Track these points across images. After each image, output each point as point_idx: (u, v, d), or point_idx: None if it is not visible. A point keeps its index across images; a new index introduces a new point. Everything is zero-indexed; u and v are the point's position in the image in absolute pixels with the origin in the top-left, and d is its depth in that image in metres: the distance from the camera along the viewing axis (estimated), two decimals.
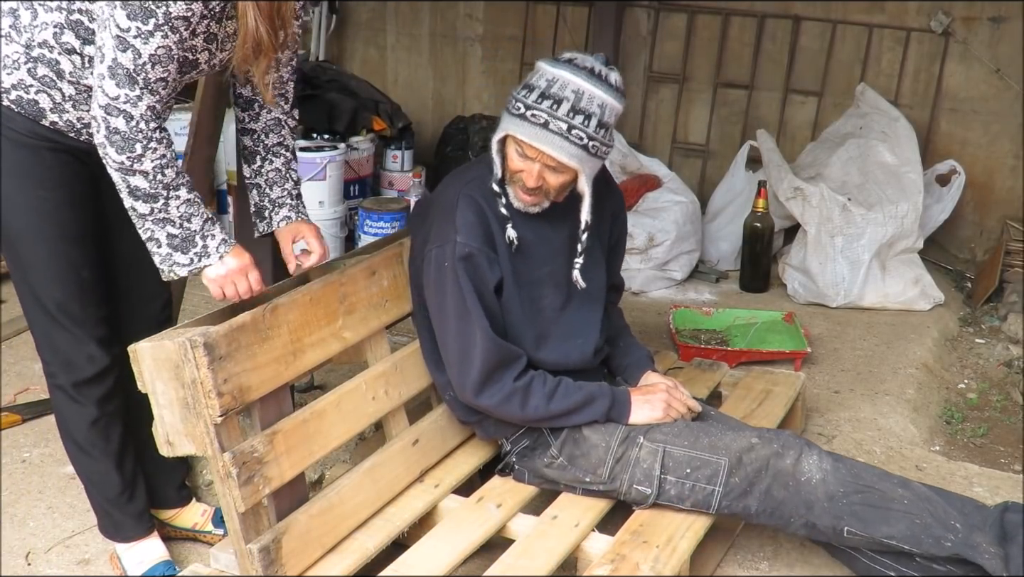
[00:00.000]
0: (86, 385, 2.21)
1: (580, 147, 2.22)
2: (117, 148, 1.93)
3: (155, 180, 1.96)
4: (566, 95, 2.20)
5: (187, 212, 2.02)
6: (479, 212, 2.32)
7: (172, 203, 1.99)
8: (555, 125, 2.20)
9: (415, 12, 5.68)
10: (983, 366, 3.80)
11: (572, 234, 2.43)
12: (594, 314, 2.52)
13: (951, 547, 2.13)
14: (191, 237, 2.03)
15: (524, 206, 2.34)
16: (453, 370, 2.34)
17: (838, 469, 2.23)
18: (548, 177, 2.28)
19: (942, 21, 4.53)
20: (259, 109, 2.28)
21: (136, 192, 1.97)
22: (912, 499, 2.19)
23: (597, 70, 2.24)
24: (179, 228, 2.02)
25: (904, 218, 4.05)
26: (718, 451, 2.28)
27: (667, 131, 5.19)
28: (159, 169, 1.96)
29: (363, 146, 4.70)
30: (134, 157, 1.93)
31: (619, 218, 2.65)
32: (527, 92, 2.24)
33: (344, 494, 2.22)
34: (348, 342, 2.31)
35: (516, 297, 2.38)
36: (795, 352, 3.52)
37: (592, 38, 5.14)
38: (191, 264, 2.05)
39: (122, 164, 1.94)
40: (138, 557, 2.36)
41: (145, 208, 1.99)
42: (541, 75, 2.25)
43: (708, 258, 4.53)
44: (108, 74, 1.90)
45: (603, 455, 2.35)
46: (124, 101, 1.91)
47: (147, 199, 1.98)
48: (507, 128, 2.27)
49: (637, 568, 2.14)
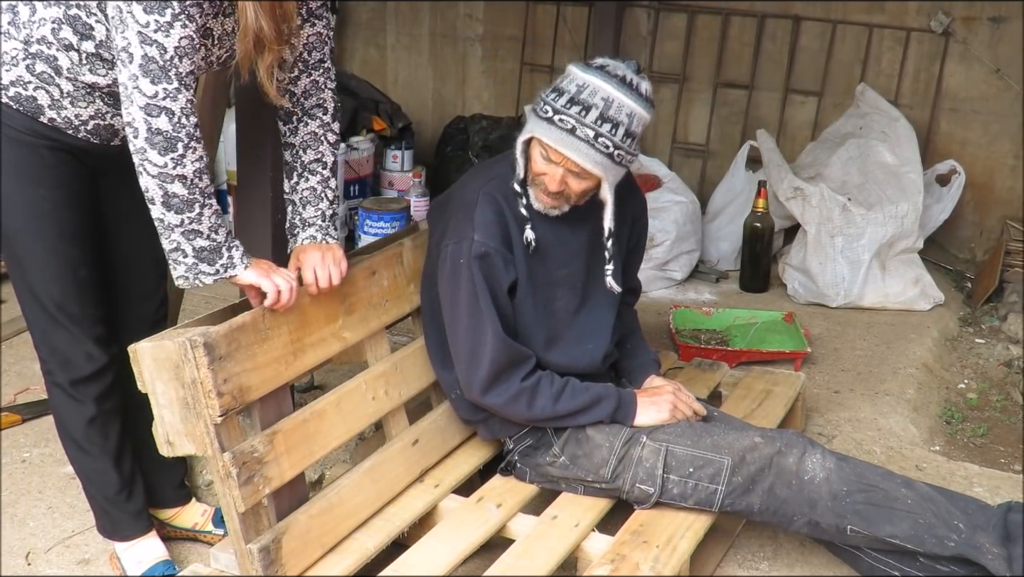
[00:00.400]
0: (84, 383, 2.21)
1: (605, 155, 2.20)
2: (160, 150, 1.88)
3: (193, 185, 1.93)
4: (595, 102, 2.19)
5: (216, 223, 1.99)
6: (498, 211, 2.32)
7: (206, 212, 1.96)
8: (582, 132, 2.18)
9: (415, 12, 5.68)
10: (983, 366, 3.80)
11: (592, 238, 2.42)
12: (607, 318, 2.52)
13: (954, 547, 2.13)
14: (218, 248, 2.01)
15: (544, 208, 2.34)
16: (461, 367, 2.34)
17: (842, 468, 2.23)
18: (571, 182, 2.27)
19: (942, 21, 4.53)
20: (296, 123, 2.23)
21: (171, 200, 1.93)
22: (916, 499, 2.19)
23: (628, 78, 2.22)
24: (207, 239, 1.98)
25: (904, 218, 4.05)
26: (721, 450, 2.28)
27: (667, 131, 5.19)
28: (198, 174, 1.93)
29: (363, 146, 4.70)
30: (176, 158, 1.89)
31: (639, 221, 2.64)
32: (556, 96, 2.22)
33: (344, 494, 2.22)
34: (348, 342, 2.31)
35: (530, 298, 2.38)
36: (795, 352, 3.52)
37: (592, 38, 5.14)
38: (217, 274, 2.02)
39: (164, 168, 1.89)
40: (137, 557, 2.36)
41: (176, 219, 1.94)
42: (572, 80, 2.23)
43: (708, 258, 4.53)
44: (141, 73, 1.86)
45: (606, 455, 2.35)
46: (163, 97, 1.87)
47: (182, 208, 1.93)
48: (533, 130, 2.26)
49: (637, 568, 2.14)
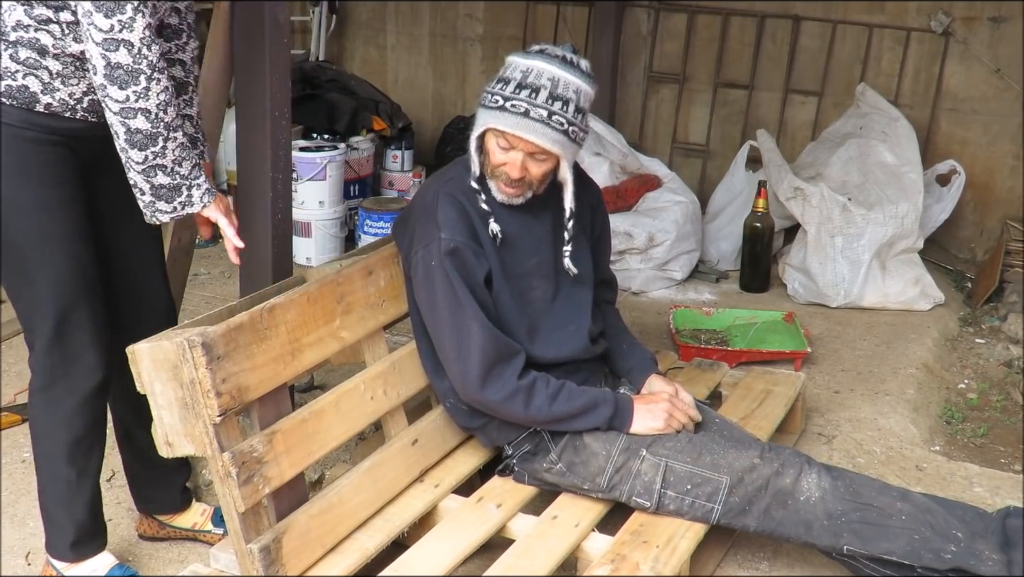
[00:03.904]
0: (85, 397, 2.15)
1: (561, 132, 2.25)
2: (120, 84, 1.86)
3: (157, 120, 1.91)
4: (543, 83, 2.24)
5: (180, 156, 1.99)
6: (460, 209, 2.33)
7: (170, 145, 1.96)
8: (535, 113, 2.23)
9: (415, 12, 5.68)
10: (983, 366, 3.80)
11: (556, 223, 2.45)
12: (584, 299, 2.53)
13: (951, 559, 2.13)
14: (179, 187, 2.02)
15: (507, 198, 2.36)
16: (453, 368, 2.34)
17: (836, 487, 2.23)
18: (531, 167, 2.30)
19: (942, 21, 4.53)
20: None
21: (135, 136, 1.91)
22: (912, 512, 2.19)
23: (568, 58, 2.29)
24: (170, 174, 1.98)
25: (904, 218, 4.05)
26: (720, 469, 2.28)
27: (667, 131, 5.19)
28: (163, 107, 1.91)
29: (363, 146, 4.70)
30: (140, 91, 1.87)
31: (598, 210, 2.65)
32: (503, 85, 2.27)
33: (344, 494, 2.22)
34: (346, 342, 2.31)
35: (506, 290, 2.39)
36: (795, 352, 3.52)
37: (592, 38, 5.15)
38: (175, 212, 2.04)
39: (125, 103, 1.87)
40: (90, 567, 2.27)
41: (140, 156, 1.94)
42: (515, 67, 2.29)
43: (708, 258, 4.52)
44: (94, 8, 1.85)
45: (603, 464, 2.34)
46: (120, 29, 1.85)
47: (145, 144, 1.92)
48: (487, 122, 2.28)
49: (637, 568, 2.13)
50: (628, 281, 4.17)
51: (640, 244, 4.18)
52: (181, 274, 2.83)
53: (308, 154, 4.36)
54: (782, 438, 2.90)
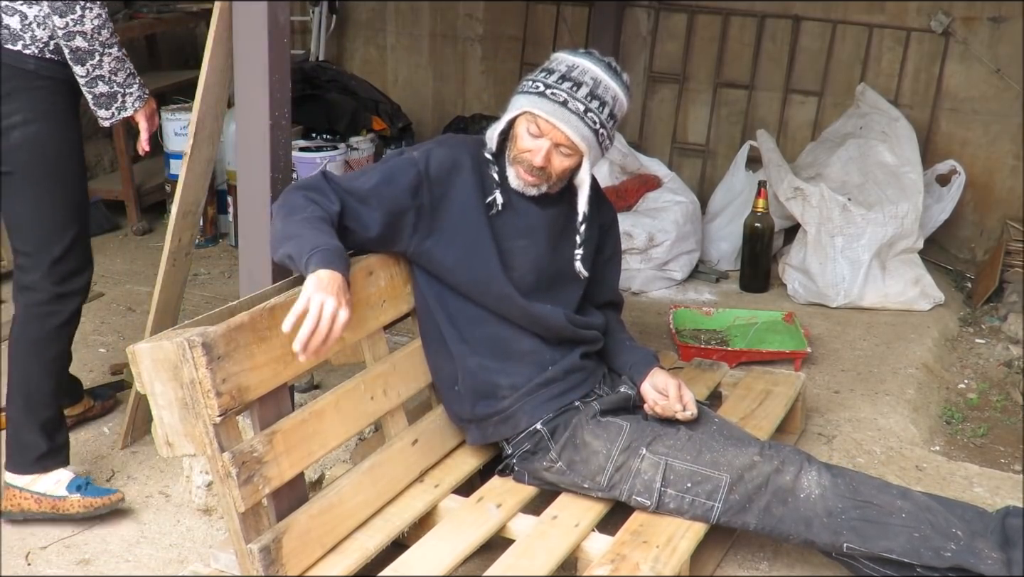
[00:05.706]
0: (79, 290, 2.52)
1: (592, 130, 2.31)
2: (60, 13, 2.32)
3: (93, 39, 2.36)
4: (585, 80, 2.31)
5: (115, 67, 2.45)
6: (456, 158, 2.37)
7: (106, 59, 2.41)
8: (573, 105, 2.28)
9: (415, 12, 5.68)
10: (983, 366, 3.80)
11: (557, 223, 2.45)
12: (569, 293, 2.52)
13: (951, 557, 2.13)
14: (115, 94, 2.48)
15: (523, 186, 2.38)
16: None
17: (836, 485, 2.23)
18: (554, 159, 2.33)
19: (942, 21, 4.53)
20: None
21: (76, 54, 2.37)
22: (911, 511, 2.19)
23: (613, 65, 2.37)
24: (108, 83, 2.45)
25: (904, 218, 4.05)
26: (719, 467, 2.28)
27: (667, 131, 5.19)
28: (97, 29, 2.36)
29: (363, 146, 4.70)
30: (76, 19, 2.33)
31: (611, 232, 2.65)
32: (546, 74, 2.34)
33: (344, 494, 2.22)
34: (346, 342, 2.31)
35: (495, 254, 2.39)
36: (795, 352, 3.52)
37: (592, 38, 5.13)
38: (112, 117, 2.52)
39: (65, 28, 2.33)
40: (53, 479, 2.48)
41: (83, 71, 2.40)
42: (560, 61, 2.36)
43: (708, 258, 4.52)
44: None
45: (603, 462, 2.35)
46: None
47: (84, 59, 2.38)
48: (524, 105, 2.32)
49: (637, 568, 2.14)
50: (628, 281, 4.16)
51: (640, 244, 4.19)
52: (181, 274, 2.83)
53: (308, 154, 4.36)
54: (782, 438, 2.90)
